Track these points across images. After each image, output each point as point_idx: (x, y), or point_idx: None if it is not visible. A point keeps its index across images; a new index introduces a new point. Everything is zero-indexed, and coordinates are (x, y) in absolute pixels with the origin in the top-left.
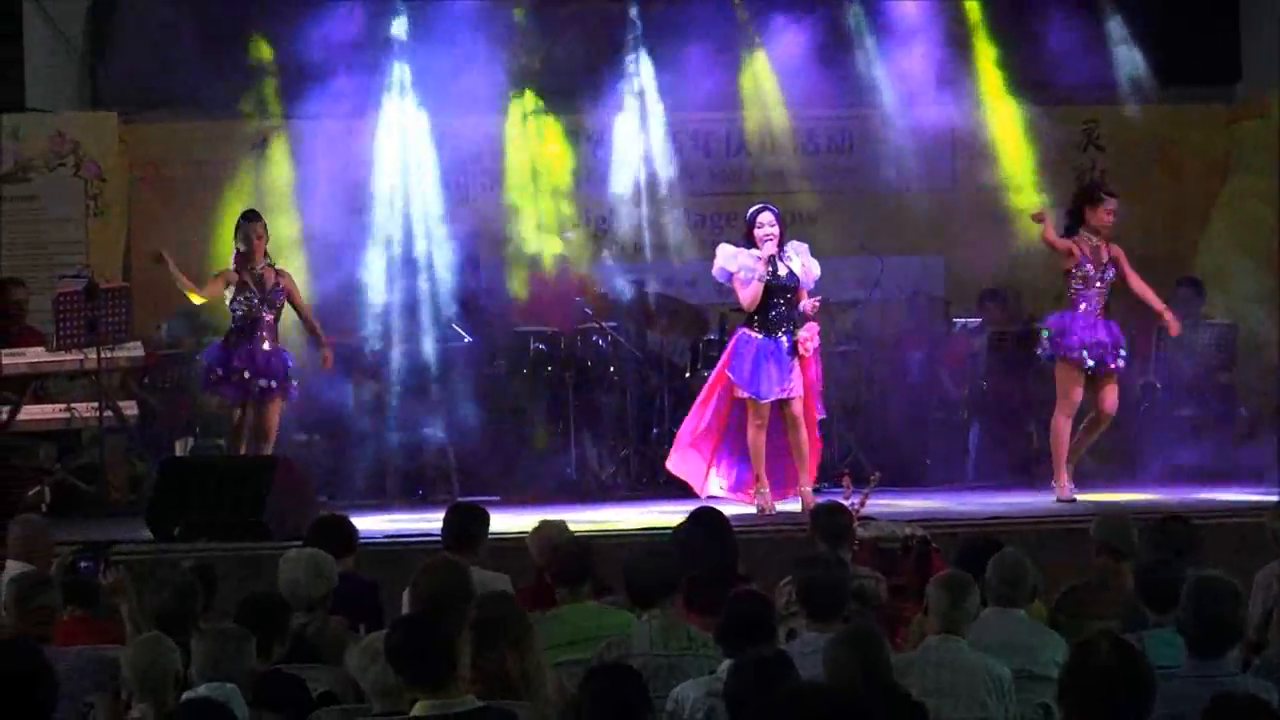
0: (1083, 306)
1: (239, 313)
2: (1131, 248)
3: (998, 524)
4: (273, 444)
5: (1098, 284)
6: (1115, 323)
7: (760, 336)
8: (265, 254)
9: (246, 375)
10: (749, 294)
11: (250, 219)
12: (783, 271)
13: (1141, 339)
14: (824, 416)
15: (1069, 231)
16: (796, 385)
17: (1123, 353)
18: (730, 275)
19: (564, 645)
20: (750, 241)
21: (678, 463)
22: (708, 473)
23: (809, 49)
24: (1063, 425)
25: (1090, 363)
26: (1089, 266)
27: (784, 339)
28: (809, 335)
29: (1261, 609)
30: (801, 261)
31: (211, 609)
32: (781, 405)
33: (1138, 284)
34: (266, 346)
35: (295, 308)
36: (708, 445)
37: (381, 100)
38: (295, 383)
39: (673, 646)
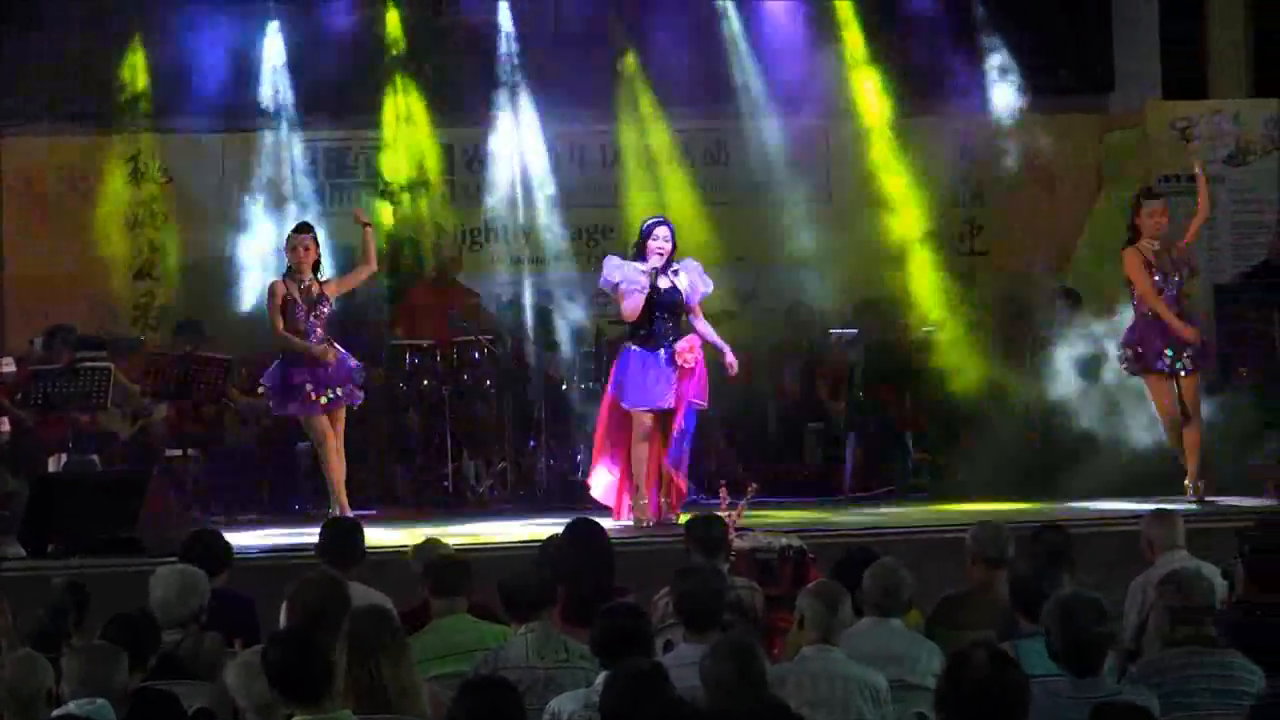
0: (1152, 314)
1: (291, 328)
2: (1005, 259)
3: (874, 534)
4: (341, 449)
5: (1168, 291)
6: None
7: (639, 349)
8: (315, 267)
9: (309, 389)
10: (630, 305)
11: (298, 230)
12: (665, 285)
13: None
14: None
15: (1130, 242)
16: (673, 398)
17: (1201, 362)
18: (615, 285)
19: (440, 658)
20: (641, 252)
21: (598, 488)
22: (620, 500)
23: (685, 59)
24: (1168, 431)
25: (1176, 366)
26: (1156, 275)
27: (662, 352)
28: (688, 347)
29: (1137, 617)
30: (690, 279)
31: (84, 626)
32: (664, 418)
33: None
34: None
35: (348, 289)
36: (620, 470)
37: (256, 112)
38: (360, 385)
39: (549, 659)
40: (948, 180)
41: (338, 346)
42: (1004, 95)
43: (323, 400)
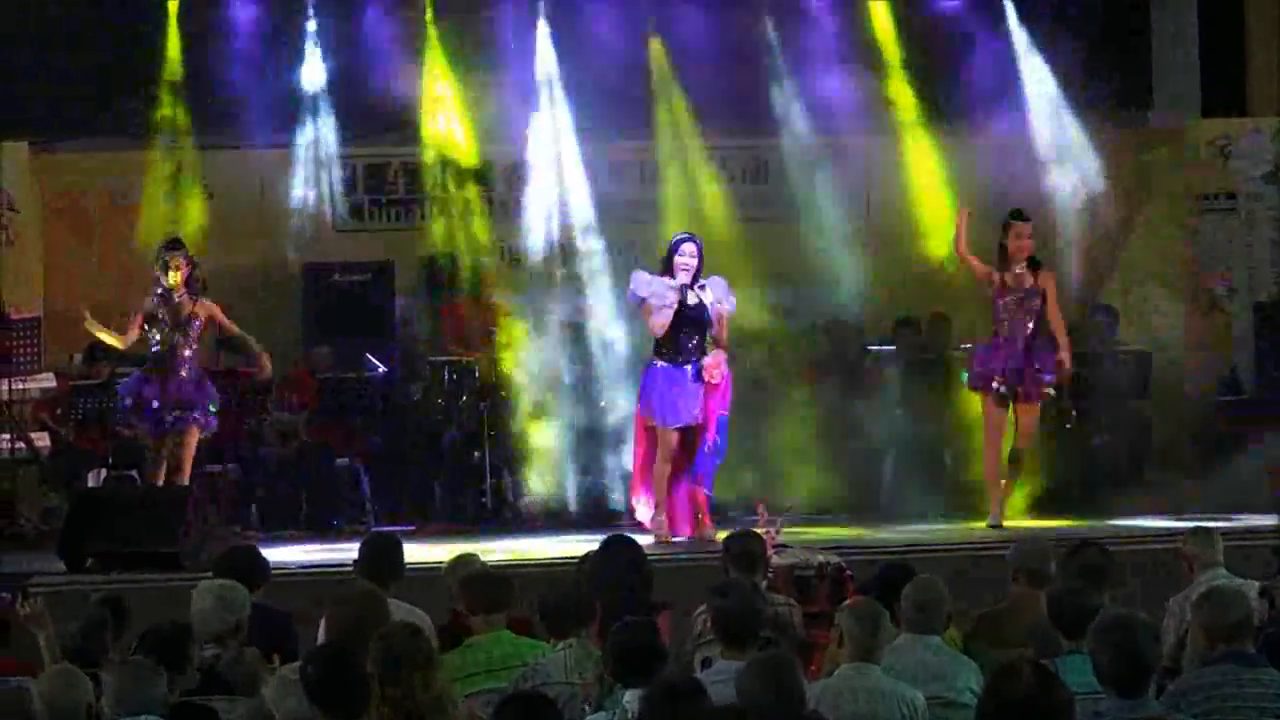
0: (1002, 336)
1: (153, 344)
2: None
3: (913, 551)
4: (186, 475)
5: (1018, 313)
6: (1046, 351)
7: (666, 365)
8: (190, 284)
9: (156, 406)
10: (658, 321)
11: (168, 247)
12: (692, 301)
13: None
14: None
15: (999, 265)
16: (702, 413)
17: (1046, 379)
18: (642, 300)
19: (480, 674)
20: (669, 268)
21: (639, 509)
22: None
23: (724, 78)
24: (988, 455)
25: (1003, 390)
26: (1006, 298)
27: (689, 368)
28: (715, 362)
29: (1175, 634)
30: (715, 296)
31: (123, 641)
32: (689, 433)
33: (1053, 316)
34: (184, 376)
35: (226, 336)
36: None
37: (297, 129)
38: (213, 413)
39: (588, 675)
40: (986, 198)
41: (200, 370)
42: (1043, 113)
43: (166, 421)
